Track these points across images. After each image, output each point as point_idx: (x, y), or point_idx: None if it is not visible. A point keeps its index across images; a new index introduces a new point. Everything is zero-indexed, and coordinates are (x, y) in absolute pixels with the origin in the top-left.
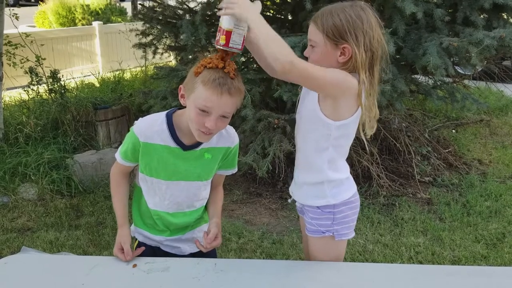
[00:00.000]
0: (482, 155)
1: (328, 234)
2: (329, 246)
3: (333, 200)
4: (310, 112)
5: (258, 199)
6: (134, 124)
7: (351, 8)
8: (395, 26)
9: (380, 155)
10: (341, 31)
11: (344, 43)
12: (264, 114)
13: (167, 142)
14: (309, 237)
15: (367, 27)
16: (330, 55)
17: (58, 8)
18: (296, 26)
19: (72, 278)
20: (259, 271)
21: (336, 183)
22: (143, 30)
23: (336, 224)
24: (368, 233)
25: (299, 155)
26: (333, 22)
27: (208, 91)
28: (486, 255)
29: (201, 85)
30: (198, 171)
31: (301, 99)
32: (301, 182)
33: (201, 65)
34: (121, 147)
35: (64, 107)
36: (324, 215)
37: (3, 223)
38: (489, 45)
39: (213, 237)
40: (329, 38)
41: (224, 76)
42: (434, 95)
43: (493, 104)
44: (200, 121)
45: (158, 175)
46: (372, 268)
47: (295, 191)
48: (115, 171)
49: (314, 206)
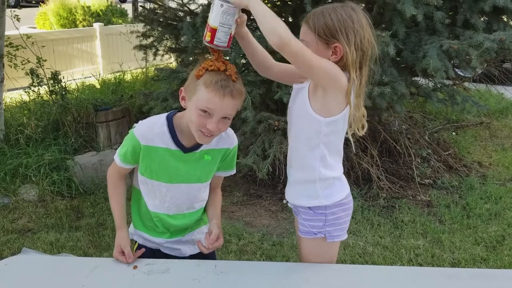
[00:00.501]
0: (482, 158)
1: (320, 235)
2: (321, 247)
3: (325, 201)
4: (301, 110)
5: (258, 201)
6: (134, 126)
7: (342, 8)
8: (395, 29)
9: (380, 157)
10: (332, 31)
11: (335, 42)
12: (265, 116)
13: (168, 145)
14: (301, 238)
15: (357, 26)
16: (322, 54)
17: (59, 10)
18: (296, 28)
19: (72, 279)
20: (259, 273)
21: (328, 182)
22: (144, 32)
23: (328, 225)
24: (368, 235)
25: (291, 153)
26: (324, 22)
27: (210, 93)
28: (486, 257)
29: (203, 87)
30: (198, 173)
31: (291, 99)
32: (294, 181)
33: (203, 68)
34: (120, 150)
35: (64, 109)
36: (316, 216)
37: (4, 224)
38: (489, 47)
39: (215, 238)
40: (321, 37)
41: (226, 79)
42: (434, 97)
43: (493, 106)
44: (202, 123)
45: (159, 177)
46: (371, 270)
47: (288, 190)
48: (112, 173)
49: (306, 207)
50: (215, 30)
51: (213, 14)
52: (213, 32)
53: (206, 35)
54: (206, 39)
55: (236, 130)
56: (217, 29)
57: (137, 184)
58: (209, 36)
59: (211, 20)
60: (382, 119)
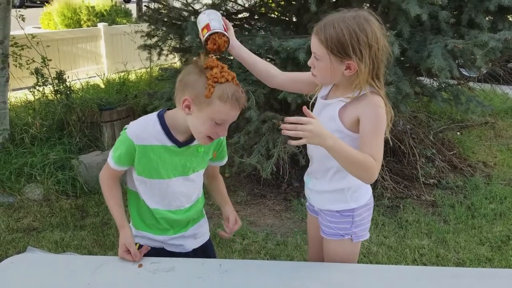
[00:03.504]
0: (487, 158)
1: (347, 237)
2: (347, 248)
3: (354, 204)
4: (328, 125)
5: (262, 200)
6: (125, 128)
7: (354, 20)
8: (400, 28)
9: (385, 157)
10: (345, 47)
11: (348, 59)
12: (269, 115)
13: (163, 142)
14: (326, 240)
15: (372, 40)
16: (335, 69)
17: (63, 10)
18: (300, 28)
19: (78, 277)
20: (264, 272)
21: (356, 187)
22: (148, 32)
23: (354, 227)
24: (372, 235)
25: (316, 166)
26: (337, 38)
27: (226, 106)
28: (491, 257)
29: (219, 101)
30: (193, 165)
31: (316, 110)
32: (320, 191)
33: (214, 79)
34: (113, 152)
35: (69, 108)
36: (343, 218)
37: (9, 223)
38: (494, 47)
39: (234, 221)
40: (333, 53)
41: (238, 90)
42: (438, 97)
43: (498, 106)
44: (213, 131)
45: (158, 175)
46: (375, 270)
47: (313, 196)
48: (105, 176)
49: (333, 210)
50: (209, 24)
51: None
52: (208, 26)
53: (202, 32)
54: (204, 35)
55: (240, 129)
56: (209, 23)
57: (132, 186)
58: (205, 31)
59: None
60: None
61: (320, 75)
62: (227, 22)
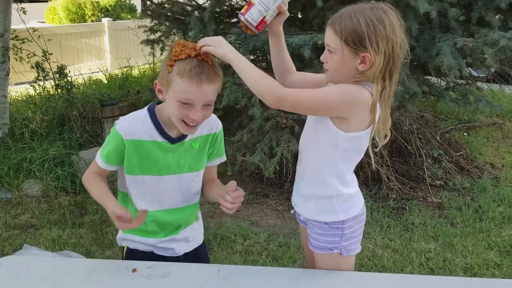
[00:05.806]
0: (494, 159)
1: (336, 251)
2: (338, 262)
3: (343, 216)
4: (318, 118)
5: (264, 200)
6: (115, 124)
7: (372, 11)
8: (408, 25)
9: (390, 157)
10: (361, 38)
11: (364, 51)
12: (272, 113)
13: (154, 137)
14: (315, 253)
15: (390, 32)
16: (348, 62)
17: (68, 5)
18: (306, 24)
19: (68, 283)
20: (264, 279)
21: (346, 197)
22: (151, 27)
23: (344, 240)
24: (377, 238)
25: (304, 165)
26: (353, 28)
27: (186, 83)
28: (500, 262)
29: (178, 77)
30: (188, 162)
31: None
32: (308, 195)
33: (174, 57)
34: (102, 150)
35: (70, 103)
36: (332, 231)
37: (6, 220)
38: (504, 46)
39: (234, 187)
40: (348, 45)
41: (200, 64)
42: (447, 96)
43: (506, 106)
44: (184, 114)
45: (149, 171)
46: (381, 278)
47: (299, 203)
48: (89, 174)
49: (321, 222)
50: (252, 4)
51: None
52: (250, 6)
53: (244, 7)
54: (241, 11)
55: (242, 127)
56: (254, 4)
57: (123, 187)
58: (245, 8)
59: None
60: (393, 118)
61: (332, 70)
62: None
